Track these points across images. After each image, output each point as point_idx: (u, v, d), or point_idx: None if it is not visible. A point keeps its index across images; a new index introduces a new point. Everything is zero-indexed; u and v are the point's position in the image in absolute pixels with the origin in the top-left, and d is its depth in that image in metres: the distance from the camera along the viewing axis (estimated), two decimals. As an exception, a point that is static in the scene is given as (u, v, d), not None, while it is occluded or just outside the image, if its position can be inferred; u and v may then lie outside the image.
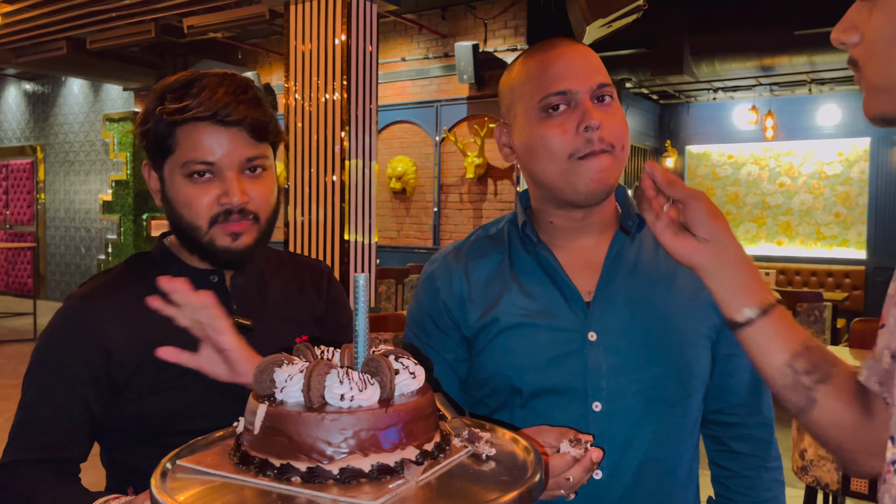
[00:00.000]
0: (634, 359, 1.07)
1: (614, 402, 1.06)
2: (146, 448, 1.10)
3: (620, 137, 1.06)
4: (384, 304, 7.09)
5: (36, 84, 11.88)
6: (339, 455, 0.65)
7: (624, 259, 1.13)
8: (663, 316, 1.09)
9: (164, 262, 1.19)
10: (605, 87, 1.07)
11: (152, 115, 1.10)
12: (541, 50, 1.10)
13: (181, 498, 0.64)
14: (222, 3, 6.50)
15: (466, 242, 1.23)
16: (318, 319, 1.29)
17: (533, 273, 1.13)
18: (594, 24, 5.06)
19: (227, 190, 1.09)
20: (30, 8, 6.79)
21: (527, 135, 1.09)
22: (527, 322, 1.10)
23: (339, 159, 5.25)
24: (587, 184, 1.05)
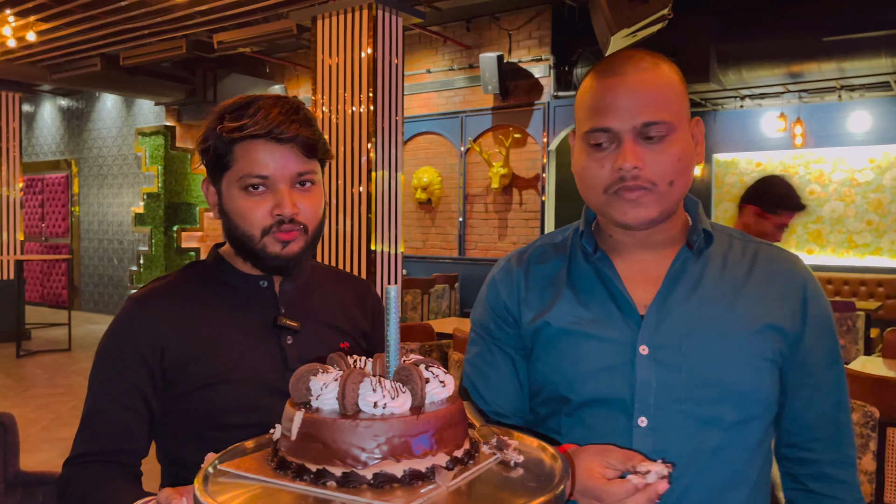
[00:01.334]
0: (686, 376, 1.03)
1: (661, 418, 1.03)
2: (198, 442, 1.15)
3: (665, 175, 1.04)
4: (410, 314, 7.12)
5: (70, 100, 12.18)
6: (373, 461, 0.68)
7: (686, 275, 1.10)
8: (721, 335, 1.05)
9: (218, 269, 1.29)
10: (653, 126, 1.03)
11: (212, 134, 1.20)
12: (602, 74, 1.08)
13: (222, 500, 0.67)
14: (251, 19, 6.62)
15: (530, 248, 1.24)
16: (365, 334, 1.38)
17: (589, 282, 1.13)
18: (619, 34, 5.07)
19: (280, 202, 1.19)
20: (65, 26, 6.98)
21: (577, 160, 1.11)
22: (577, 330, 1.10)
23: (366, 171, 5.31)
24: (621, 217, 1.06)
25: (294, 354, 1.24)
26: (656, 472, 0.83)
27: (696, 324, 1.05)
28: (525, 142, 8.05)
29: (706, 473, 1.03)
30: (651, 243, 1.12)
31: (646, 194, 1.04)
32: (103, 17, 6.69)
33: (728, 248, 1.13)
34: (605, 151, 1.05)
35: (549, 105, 7.88)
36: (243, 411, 1.17)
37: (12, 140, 9.09)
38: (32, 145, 12.88)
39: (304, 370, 0.75)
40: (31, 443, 4.84)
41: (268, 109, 1.18)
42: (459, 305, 8.10)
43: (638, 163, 1.02)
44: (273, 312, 1.25)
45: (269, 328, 1.24)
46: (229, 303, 1.25)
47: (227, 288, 1.27)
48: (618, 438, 1.03)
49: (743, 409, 1.04)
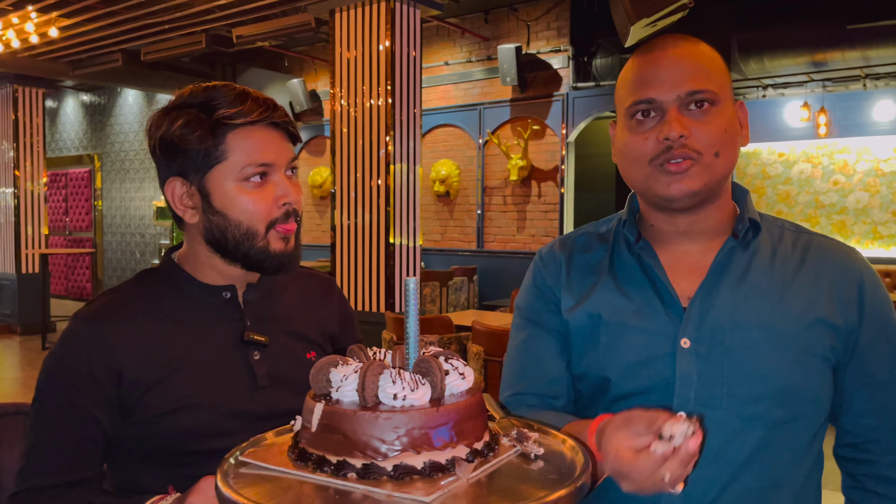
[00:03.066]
0: (729, 371, 1.00)
1: (703, 413, 0.99)
2: (157, 468, 1.09)
3: (712, 145, 1.02)
4: (429, 307, 7.14)
5: (93, 95, 12.31)
6: (393, 452, 0.68)
7: (732, 266, 1.06)
8: (768, 329, 1.01)
9: (176, 279, 1.17)
10: (697, 94, 1.02)
11: (197, 125, 1.08)
12: (642, 52, 1.08)
13: (245, 492, 0.68)
14: (269, 13, 6.64)
15: (574, 234, 1.23)
16: (333, 337, 1.29)
17: (632, 272, 1.10)
18: (639, 24, 5.02)
19: (286, 190, 1.11)
20: (86, 21, 7.05)
21: (619, 139, 1.09)
22: (618, 321, 1.07)
23: (384, 163, 5.32)
24: (665, 188, 1.03)
25: (262, 371, 1.14)
26: (681, 433, 0.74)
27: (742, 317, 1.02)
28: (544, 133, 8.01)
29: (747, 473, 1.00)
30: (695, 232, 1.09)
31: (691, 165, 1.01)
32: (124, 13, 6.75)
33: (779, 239, 1.09)
34: (649, 124, 1.03)
35: (567, 96, 7.83)
36: (207, 437, 1.07)
37: (36, 135, 9.21)
38: (56, 140, 13.05)
39: (324, 362, 0.75)
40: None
41: (255, 95, 1.11)
42: (478, 298, 8.10)
43: (684, 131, 1.00)
44: (238, 326, 1.15)
45: (234, 344, 1.14)
46: (190, 318, 1.14)
47: (187, 300, 1.15)
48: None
49: (789, 408, 1.00)
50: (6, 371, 7.42)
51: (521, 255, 8.16)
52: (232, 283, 1.18)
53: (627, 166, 1.07)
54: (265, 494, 0.68)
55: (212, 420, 1.08)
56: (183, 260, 1.19)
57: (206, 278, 1.17)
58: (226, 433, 1.06)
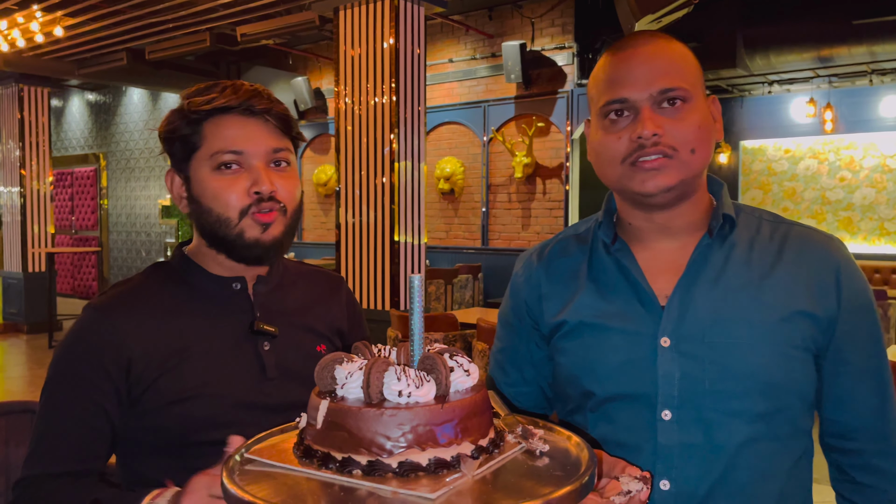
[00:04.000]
0: (711, 367, 1.00)
1: (686, 411, 1.01)
2: (165, 459, 1.09)
3: (687, 142, 1.01)
4: (434, 305, 7.14)
5: (98, 94, 12.34)
6: (398, 449, 0.68)
7: (709, 262, 1.06)
8: (748, 324, 1.01)
9: (186, 271, 1.19)
10: (670, 92, 1.01)
11: (177, 115, 1.13)
12: (614, 50, 1.07)
13: (250, 489, 0.68)
14: (274, 11, 6.64)
15: (553, 241, 1.22)
16: (342, 333, 1.31)
17: (610, 274, 1.10)
18: (643, 20, 5.00)
19: (257, 179, 1.11)
20: (91, 21, 7.06)
21: (593, 138, 1.09)
22: (598, 323, 1.08)
23: (389, 161, 5.32)
24: (640, 184, 1.02)
25: (272, 362, 1.15)
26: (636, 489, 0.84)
27: (721, 313, 1.02)
28: (548, 131, 8.00)
29: (735, 467, 1.00)
30: (672, 229, 1.09)
31: (666, 161, 1.01)
32: (129, 12, 6.76)
33: (756, 232, 1.09)
34: (622, 123, 1.03)
35: (572, 93, 7.81)
36: (216, 428, 1.06)
37: (42, 135, 9.24)
38: (62, 139, 13.09)
39: (328, 359, 0.75)
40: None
41: (237, 86, 1.12)
42: (483, 296, 8.10)
43: (657, 129, 1.00)
44: (248, 317, 1.16)
45: (244, 335, 1.15)
46: (200, 308, 1.15)
47: (197, 292, 1.17)
48: (642, 432, 1.02)
49: (772, 400, 1.01)
50: (13, 369, 7.45)
51: (526, 253, 8.15)
52: (240, 275, 1.19)
53: (602, 165, 1.08)
54: (270, 491, 0.68)
55: (220, 410, 1.09)
56: (192, 254, 1.21)
57: (215, 270, 1.18)
58: (234, 424, 1.05)
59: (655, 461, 1.01)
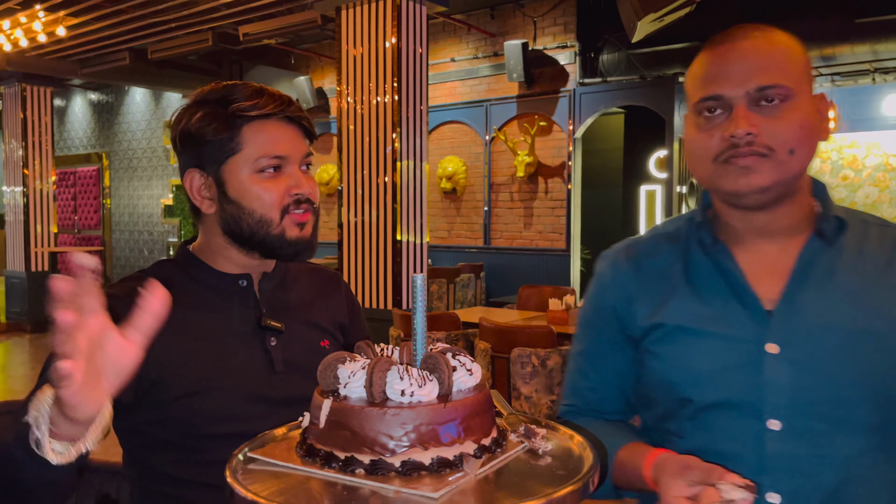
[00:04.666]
0: (821, 375, 0.96)
1: (796, 421, 0.96)
2: (174, 453, 1.11)
3: (785, 142, 0.96)
4: (436, 304, 7.14)
5: (101, 94, 12.36)
6: (401, 448, 0.68)
7: (817, 266, 1.01)
8: (861, 330, 0.96)
9: (192, 268, 1.21)
10: (768, 90, 0.95)
11: (213, 117, 1.14)
12: (711, 44, 1.02)
13: (253, 488, 0.68)
14: (276, 10, 6.65)
15: (640, 240, 1.18)
16: (343, 328, 1.34)
17: (708, 276, 1.06)
18: (646, 19, 5.00)
19: (298, 181, 1.16)
20: (94, 20, 7.07)
21: (687, 135, 1.05)
22: (697, 328, 1.03)
23: (391, 160, 5.32)
24: (732, 183, 0.98)
25: (279, 357, 1.18)
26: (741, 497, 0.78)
27: (832, 319, 0.97)
28: (551, 130, 8.00)
29: (847, 479, 0.96)
30: (773, 231, 1.03)
31: (761, 161, 0.96)
32: (131, 11, 6.77)
33: (864, 236, 1.04)
34: (716, 121, 0.99)
35: (574, 92, 7.81)
36: (224, 421, 1.10)
37: (45, 134, 9.25)
38: (64, 139, 13.11)
39: (331, 358, 0.76)
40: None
41: (270, 92, 1.16)
42: (485, 295, 8.10)
43: (752, 129, 0.95)
44: (255, 313, 1.19)
45: (251, 330, 1.18)
46: (208, 304, 1.18)
47: (204, 288, 1.19)
48: (746, 443, 0.98)
49: (886, 411, 0.96)
50: (16, 368, 7.47)
51: (529, 252, 8.16)
52: (247, 272, 1.22)
53: (693, 163, 1.04)
54: (273, 490, 0.68)
55: (230, 403, 1.11)
56: (198, 251, 1.23)
57: (222, 268, 1.21)
58: (242, 417, 1.09)
59: (761, 473, 0.96)
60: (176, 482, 1.12)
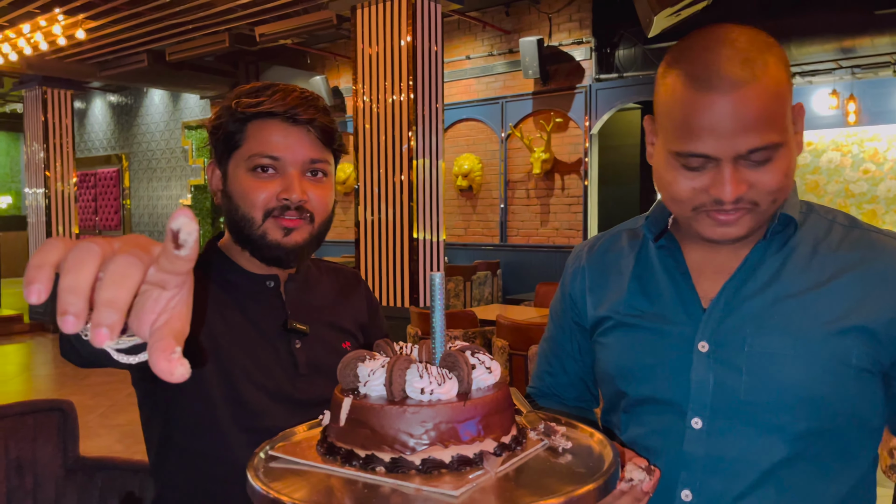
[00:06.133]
0: (749, 378, 0.94)
1: (718, 422, 0.95)
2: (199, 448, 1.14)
3: (770, 194, 0.92)
4: (453, 302, 7.14)
5: (119, 96, 12.48)
6: (421, 446, 0.68)
7: (762, 267, 0.98)
8: (793, 335, 0.93)
9: (220, 265, 1.21)
10: (760, 151, 0.89)
11: (226, 111, 1.15)
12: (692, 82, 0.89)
13: (274, 486, 0.68)
14: (291, 11, 6.68)
15: (607, 234, 1.18)
16: (363, 327, 1.34)
17: (656, 272, 1.05)
18: (662, 14, 4.96)
19: (288, 186, 1.12)
20: (112, 23, 7.14)
21: (660, 165, 0.98)
22: (636, 323, 1.03)
23: (407, 159, 5.33)
24: (709, 231, 0.95)
25: (303, 359, 1.19)
26: (639, 478, 0.83)
27: (766, 321, 0.95)
28: (567, 126, 7.96)
29: (766, 486, 0.93)
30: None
31: (743, 215, 0.93)
32: (149, 14, 6.83)
33: (824, 236, 1.00)
34: (699, 170, 0.92)
35: (590, 88, 7.77)
36: (251, 417, 1.12)
37: (65, 136, 9.36)
38: (85, 141, 13.26)
39: (351, 357, 0.76)
40: (89, 429, 5.01)
41: (287, 91, 1.14)
42: (502, 292, 8.09)
43: (740, 191, 0.90)
44: (281, 314, 1.20)
45: (277, 332, 1.19)
46: (236, 303, 1.18)
47: (232, 286, 1.20)
48: (670, 439, 0.98)
49: (816, 420, 0.92)
50: (40, 368, 7.57)
51: (545, 249, 8.13)
52: (273, 273, 1.22)
53: (668, 201, 0.99)
54: (294, 488, 0.68)
55: (258, 398, 1.13)
56: (225, 248, 1.24)
57: (248, 267, 1.21)
58: (267, 414, 1.11)
59: (680, 469, 0.97)
60: (199, 477, 1.14)
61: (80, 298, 0.48)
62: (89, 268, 0.49)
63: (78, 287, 0.48)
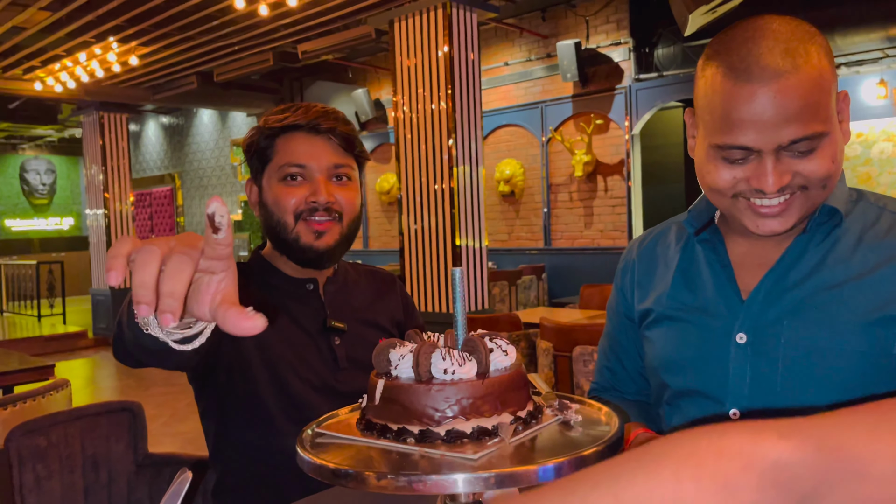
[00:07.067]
0: (786, 370, 0.93)
1: (756, 413, 0.95)
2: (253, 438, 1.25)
3: (819, 180, 0.90)
4: (498, 306, 7.21)
5: (171, 117, 12.96)
6: (445, 420, 0.77)
7: (804, 259, 0.97)
8: (829, 325, 0.92)
9: (263, 271, 1.35)
10: (802, 141, 0.88)
11: (257, 131, 1.30)
12: (733, 74, 0.89)
13: (322, 457, 0.79)
14: (332, 27, 6.88)
15: (657, 228, 1.19)
16: (399, 324, 1.45)
17: (699, 265, 1.05)
18: (697, 12, 4.96)
19: (315, 190, 1.26)
20: (163, 48, 7.47)
21: (701, 158, 0.98)
22: (678, 316, 1.04)
23: (448, 167, 5.43)
24: (751, 224, 0.95)
25: (343, 354, 1.30)
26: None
27: (804, 313, 0.94)
28: (607, 127, 7.97)
29: None
30: None
31: (791, 202, 0.92)
32: (197, 38, 7.12)
33: (872, 224, 0.98)
34: (740, 162, 0.92)
35: (630, 89, 7.77)
36: (297, 409, 1.23)
37: (122, 158, 9.78)
38: (140, 162, 13.79)
39: (384, 344, 0.86)
40: (153, 436, 5.23)
41: (308, 107, 1.28)
42: (548, 296, 8.12)
43: (782, 181, 0.90)
44: (321, 314, 1.32)
45: (318, 330, 1.30)
46: (280, 304, 1.30)
47: (275, 290, 1.32)
48: None
49: None
50: (104, 381, 7.92)
51: (590, 252, 8.14)
52: (312, 276, 1.34)
53: (708, 190, 0.99)
54: (338, 458, 0.79)
55: (303, 391, 1.24)
56: (267, 255, 1.37)
57: (289, 272, 1.34)
58: (312, 407, 1.22)
59: None
60: (253, 465, 1.26)
61: (148, 291, 0.62)
62: (153, 266, 0.62)
63: (145, 282, 0.62)
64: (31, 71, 8.22)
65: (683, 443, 0.38)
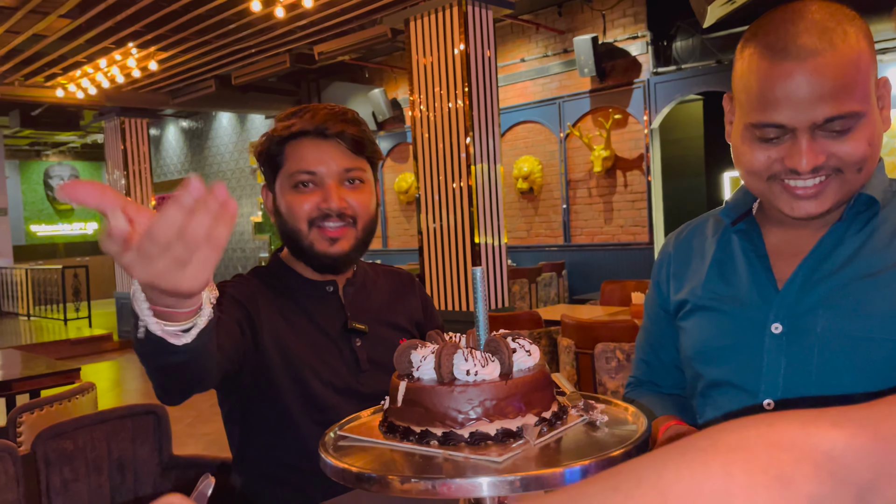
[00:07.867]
0: (822, 360, 0.93)
1: (791, 404, 0.94)
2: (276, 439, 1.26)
3: (854, 163, 0.90)
4: (519, 304, 7.18)
5: (190, 121, 13.08)
6: (469, 421, 0.76)
7: (842, 247, 0.96)
8: (866, 315, 0.91)
9: (283, 274, 1.35)
10: (837, 120, 0.88)
11: (267, 138, 1.29)
12: (769, 52, 0.90)
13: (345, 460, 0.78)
14: (348, 28, 6.89)
15: (694, 221, 1.19)
16: (419, 324, 1.44)
17: (735, 256, 1.05)
18: (715, 3, 4.90)
19: (327, 196, 1.25)
20: (181, 53, 7.53)
21: (737, 141, 0.99)
22: (713, 306, 1.04)
23: (465, 165, 5.42)
24: (787, 207, 0.95)
25: (364, 356, 1.30)
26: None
27: (839, 302, 0.93)
28: (626, 122, 7.91)
29: None
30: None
31: (826, 184, 0.91)
32: (215, 41, 7.17)
33: None
34: (774, 141, 0.92)
35: (648, 82, 7.70)
36: (319, 409, 1.24)
37: (143, 163, 9.88)
38: (160, 166, 13.93)
39: (406, 345, 0.85)
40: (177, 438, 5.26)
41: (316, 111, 1.26)
42: (568, 293, 8.08)
43: (817, 161, 0.89)
44: (341, 316, 1.31)
45: (338, 332, 1.30)
46: (299, 307, 1.30)
47: (295, 293, 1.32)
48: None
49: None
50: (130, 383, 8.01)
51: (611, 247, 8.08)
52: (332, 279, 1.34)
53: (744, 173, 0.99)
54: (362, 462, 0.78)
55: (325, 394, 1.25)
56: (286, 259, 1.37)
57: (308, 275, 1.34)
58: (334, 408, 1.23)
59: None
60: (277, 467, 1.26)
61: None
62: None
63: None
64: (53, 78, 8.33)
65: (729, 434, 0.36)
